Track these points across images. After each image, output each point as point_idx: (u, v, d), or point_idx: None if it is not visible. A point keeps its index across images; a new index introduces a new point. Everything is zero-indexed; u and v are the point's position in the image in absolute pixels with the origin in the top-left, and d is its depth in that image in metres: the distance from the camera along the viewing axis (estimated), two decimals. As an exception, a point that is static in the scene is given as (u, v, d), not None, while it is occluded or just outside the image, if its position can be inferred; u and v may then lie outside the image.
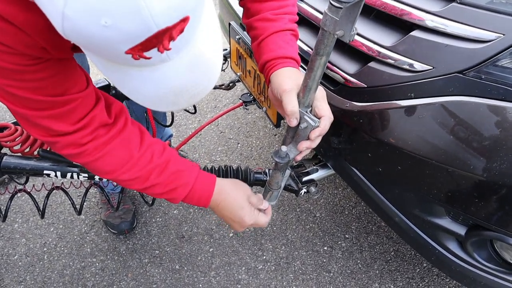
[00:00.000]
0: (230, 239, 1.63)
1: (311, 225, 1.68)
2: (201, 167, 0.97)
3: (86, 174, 1.10)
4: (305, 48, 1.11)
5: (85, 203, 1.72)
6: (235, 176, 1.15)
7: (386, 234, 1.63)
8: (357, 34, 0.95)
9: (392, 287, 1.46)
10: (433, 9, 0.83)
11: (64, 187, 1.23)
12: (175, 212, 1.74)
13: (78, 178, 1.11)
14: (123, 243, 1.62)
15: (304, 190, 1.20)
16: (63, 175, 1.10)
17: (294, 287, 1.47)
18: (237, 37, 1.28)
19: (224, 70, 1.56)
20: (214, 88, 1.56)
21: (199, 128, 1.46)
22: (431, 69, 0.82)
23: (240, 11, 1.00)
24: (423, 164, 0.87)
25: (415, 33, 0.85)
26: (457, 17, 0.80)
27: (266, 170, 1.18)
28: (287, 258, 1.56)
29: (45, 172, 1.08)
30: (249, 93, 1.40)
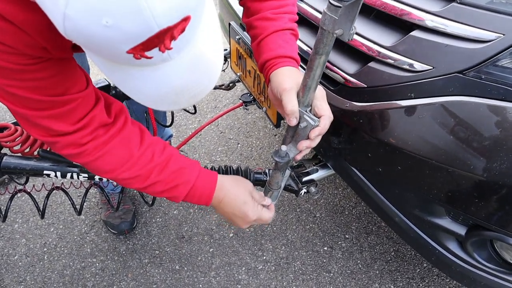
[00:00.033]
0: (230, 239, 1.63)
1: (311, 225, 1.68)
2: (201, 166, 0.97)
3: (86, 174, 1.10)
4: (305, 48, 1.11)
5: (85, 203, 1.72)
6: (235, 176, 1.15)
7: (386, 234, 1.63)
8: (357, 34, 0.95)
9: (392, 287, 1.46)
10: (433, 9, 0.83)
11: (64, 187, 1.23)
12: (175, 212, 1.74)
13: (78, 178, 1.11)
14: (123, 243, 1.62)
15: (304, 190, 1.20)
16: (63, 175, 1.10)
17: (294, 287, 1.47)
18: (237, 37, 1.28)
19: (224, 70, 1.56)
20: (214, 88, 1.56)
21: (199, 128, 1.46)
22: (431, 69, 0.82)
23: (240, 11, 1.00)
24: (423, 164, 0.87)
25: (415, 33, 0.85)
26: (457, 17, 0.80)
27: (266, 170, 1.18)
28: (287, 258, 1.56)
29: (45, 172, 1.08)
30: (249, 93, 1.40)
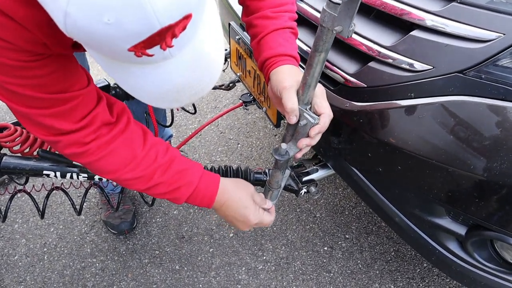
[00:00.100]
0: (230, 239, 1.63)
1: (311, 225, 1.68)
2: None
3: (85, 174, 1.10)
4: (305, 48, 1.11)
5: (85, 203, 1.72)
6: (235, 176, 1.15)
7: (387, 234, 1.63)
8: (357, 34, 0.95)
9: (393, 287, 1.46)
10: (433, 8, 0.83)
11: (64, 188, 1.23)
12: (175, 212, 1.74)
13: (77, 178, 1.11)
14: (123, 244, 1.62)
15: (304, 190, 1.20)
16: (63, 175, 1.09)
17: (294, 287, 1.47)
18: (237, 37, 1.28)
19: (224, 70, 1.56)
20: (214, 88, 1.57)
21: (199, 128, 1.46)
22: (431, 68, 0.82)
23: (240, 12, 1.00)
24: (423, 164, 0.87)
25: (415, 33, 0.85)
26: (457, 17, 0.80)
27: (266, 170, 1.18)
28: (287, 258, 1.56)
29: (44, 172, 1.08)
30: (249, 93, 1.40)
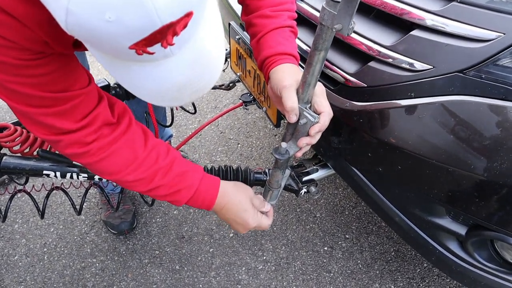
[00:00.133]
0: (230, 240, 1.62)
1: (311, 225, 1.68)
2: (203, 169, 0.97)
3: (85, 174, 1.10)
4: (304, 47, 1.10)
5: (85, 203, 1.72)
6: (235, 176, 1.14)
7: (387, 234, 1.63)
8: (357, 33, 0.95)
9: (393, 287, 1.46)
10: (433, 8, 0.83)
11: (64, 187, 1.23)
12: (175, 212, 1.74)
13: (77, 178, 1.11)
14: (123, 244, 1.62)
15: (304, 190, 1.20)
16: (63, 175, 1.09)
17: (294, 287, 1.47)
18: (237, 37, 1.28)
19: (224, 70, 1.56)
20: (214, 88, 1.57)
21: (199, 128, 1.46)
22: (431, 68, 0.82)
23: (240, 11, 1.00)
24: (423, 164, 0.87)
25: (415, 33, 0.85)
26: (457, 16, 0.80)
27: (266, 170, 1.18)
28: (287, 258, 1.56)
29: (44, 172, 1.07)
30: (249, 93, 1.40)
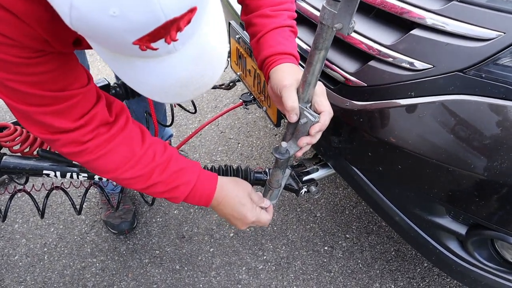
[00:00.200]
0: (230, 239, 1.62)
1: (311, 225, 1.68)
2: (201, 167, 0.97)
3: (85, 174, 1.10)
4: (305, 46, 1.10)
5: (85, 203, 1.73)
6: (235, 175, 1.15)
7: (387, 233, 1.63)
8: (357, 33, 0.95)
9: (393, 287, 1.46)
10: (434, 7, 0.83)
11: (64, 187, 1.23)
12: (175, 212, 1.74)
13: (77, 178, 1.11)
14: (123, 243, 1.62)
15: (304, 189, 1.20)
16: (63, 175, 1.09)
17: (294, 287, 1.47)
18: (237, 36, 1.28)
19: (224, 70, 1.56)
20: (214, 87, 1.57)
21: (199, 127, 1.46)
22: (432, 67, 0.82)
23: (240, 11, 1.00)
24: (423, 163, 0.87)
25: (415, 32, 0.85)
26: (458, 16, 0.80)
27: (267, 170, 1.18)
28: (287, 258, 1.56)
29: (44, 172, 1.07)
30: (249, 93, 1.40)
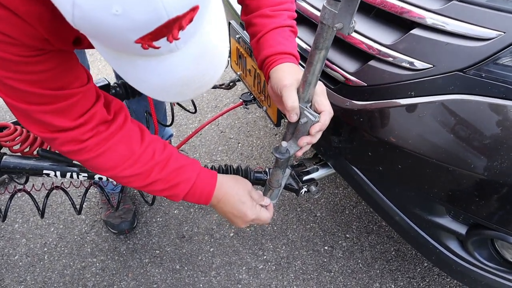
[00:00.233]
0: (230, 239, 1.62)
1: (311, 224, 1.68)
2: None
3: (85, 174, 1.10)
4: (305, 46, 1.10)
5: (85, 203, 1.73)
6: (235, 175, 1.14)
7: (387, 233, 1.63)
8: (357, 32, 0.95)
9: (393, 286, 1.46)
10: (434, 7, 0.83)
11: (64, 187, 1.23)
12: (175, 212, 1.74)
13: (77, 177, 1.11)
14: (123, 243, 1.62)
15: (304, 189, 1.20)
16: (63, 175, 1.09)
17: (294, 286, 1.47)
18: (237, 36, 1.28)
19: (224, 69, 1.56)
20: (214, 87, 1.57)
21: (200, 127, 1.46)
22: (432, 67, 0.82)
23: (240, 10, 1.00)
24: (423, 163, 0.87)
25: (415, 31, 0.85)
26: (458, 15, 0.80)
27: (267, 170, 1.18)
28: (287, 257, 1.56)
29: (44, 171, 1.07)
30: (249, 92, 1.40)
